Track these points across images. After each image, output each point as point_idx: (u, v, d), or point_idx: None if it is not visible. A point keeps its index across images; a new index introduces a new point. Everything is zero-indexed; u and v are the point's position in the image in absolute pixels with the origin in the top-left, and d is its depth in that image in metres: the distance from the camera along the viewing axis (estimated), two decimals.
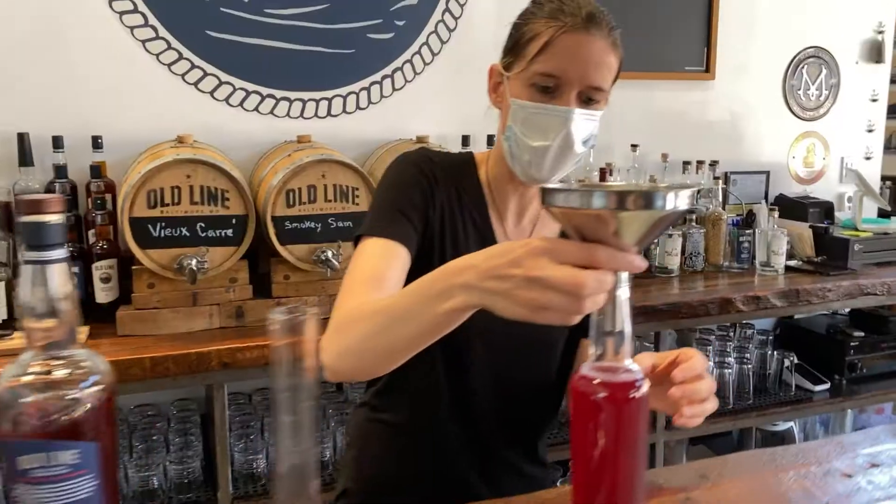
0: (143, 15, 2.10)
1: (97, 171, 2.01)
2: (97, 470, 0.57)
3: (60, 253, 0.56)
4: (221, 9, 2.17)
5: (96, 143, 2.04)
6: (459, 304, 0.74)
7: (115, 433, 0.59)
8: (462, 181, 1.20)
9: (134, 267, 1.86)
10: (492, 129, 2.48)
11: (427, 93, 2.45)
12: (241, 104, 2.23)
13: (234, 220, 1.89)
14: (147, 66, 2.12)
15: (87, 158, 2.04)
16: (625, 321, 0.64)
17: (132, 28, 2.10)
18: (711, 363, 2.47)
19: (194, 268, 1.82)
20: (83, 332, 1.84)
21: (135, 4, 2.09)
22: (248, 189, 1.91)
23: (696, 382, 0.85)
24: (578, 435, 0.63)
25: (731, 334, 2.63)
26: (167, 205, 1.83)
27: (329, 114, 2.34)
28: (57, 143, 2.00)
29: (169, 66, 2.14)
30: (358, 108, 2.36)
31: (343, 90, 2.34)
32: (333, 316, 0.96)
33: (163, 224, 1.83)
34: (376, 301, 0.93)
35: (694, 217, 2.63)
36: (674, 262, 2.54)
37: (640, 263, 0.62)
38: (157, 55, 2.13)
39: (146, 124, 2.11)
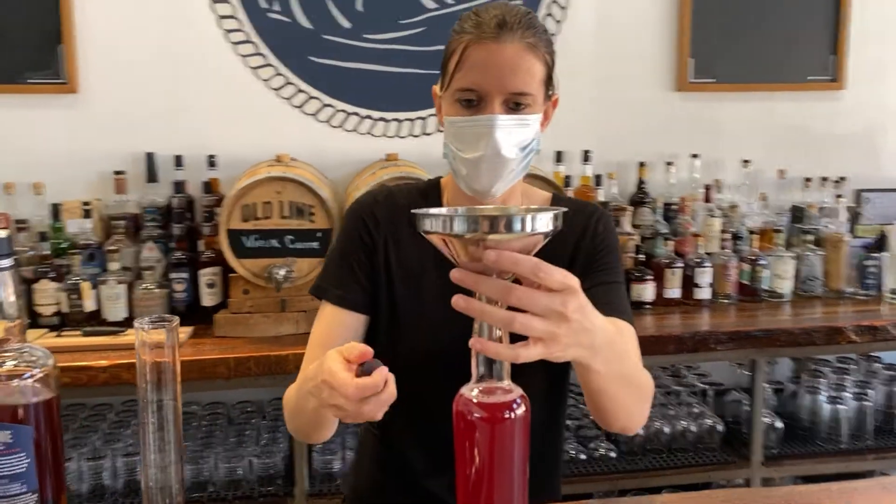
0: (255, 44, 2.31)
1: (208, 186, 2.23)
2: (30, 450, 0.68)
3: (8, 262, 0.67)
4: (323, 36, 2.33)
5: (211, 161, 2.27)
6: (315, 405, 0.87)
7: (53, 420, 0.69)
8: (416, 204, 1.16)
9: (231, 274, 2.05)
10: (588, 143, 2.48)
11: None
12: (341, 125, 2.38)
13: (318, 234, 2.02)
14: (257, 90, 2.32)
15: (204, 175, 2.26)
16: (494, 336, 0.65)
17: (245, 56, 2.31)
18: (823, 396, 2.28)
19: (280, 277, 1.97)
20: (186, 331, 2.04)
21: (247, 35, 2.30)
22: (332, 205, 2.03)
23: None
24: (458, 453, 0.65)
25: (852, 367, 2.40)
26: (259, 218, 2.00)
27: (423, 132, 2.43)
28: (178, 161, 2.24)
29: (277, 90, 2.34)
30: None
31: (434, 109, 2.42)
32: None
33: (255, 236, 2.00)
34: (291, 389, 1.09)
35: (812, 238, 2.44)
36: (784, 286, 2.37)
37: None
38: (266, 80, 2.33)
39: (255, 144, 2.30)
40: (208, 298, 2.14)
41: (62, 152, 2.26)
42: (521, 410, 0.64)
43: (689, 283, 2.32)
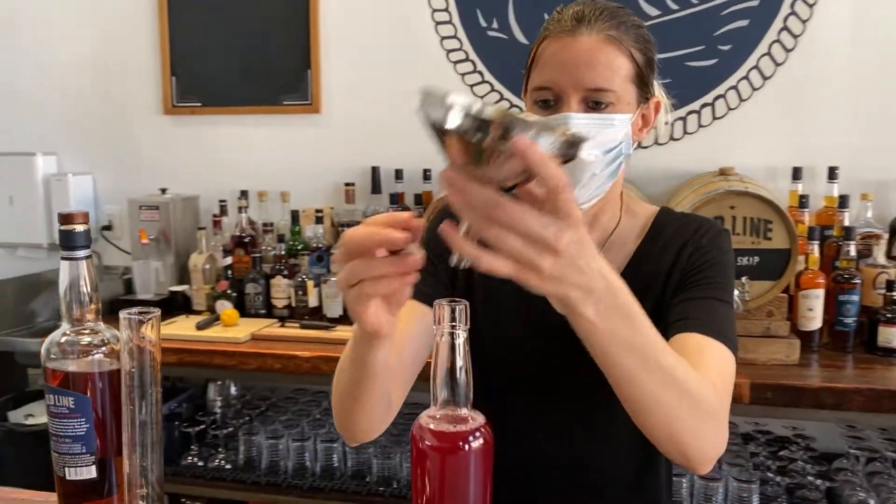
0: (472, 62, 2.38)
1: (419, 199, 2.35)
2: (89, 416, 0.78)
3: (83, 253, 0.79)
4: None
5: (426, 175, 2.39)
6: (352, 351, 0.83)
7: (114, 392, 0.79)
8: None
9: None
10: (837, 159, 2.14)
11: (754, 121, 2.22)
12: None
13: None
14: None
15: (418, 188, 2.39)
16: (459, 366, 0.60)
17: (463, 74, 2.40)
18: None
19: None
20: None
21: (466, 53, 2.38)
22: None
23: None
24: (413, 480, 0.61)
25: None
26: None
27: (639, 145, 2.30)
28: (398, 174, 2.40)
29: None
30: (672, 138, 2.27)
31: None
32: None
33: None
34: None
35: None
36: None
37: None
38: (482, 97, 2.39)
39: None
40: None
41: (305, 165, 2.55)
42: (477, 443, 0.58)
43: None
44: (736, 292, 1.80)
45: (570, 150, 0.61)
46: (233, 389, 2.47)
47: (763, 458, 1.95)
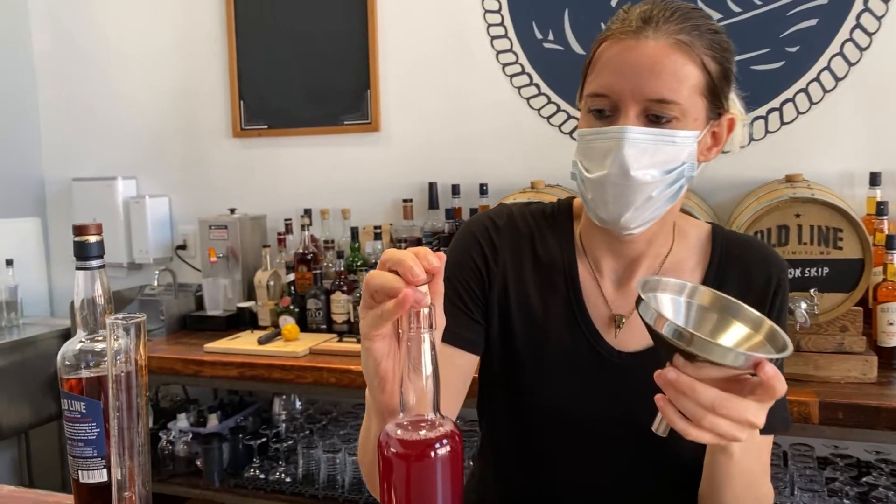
0: (529, 75, 2.36)
1: (475, 212, 2.33)
2: (100, 421, 0.80)
3: (97, 263, 0.82)
4: None
5: (482, 189, 2.38)
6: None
7: (128, 400, 0.81)
8: (547, 238, 1.03)
9: None
10: None
11: (826, 125, 2.09)
12: None
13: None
14: (529, 120, 2.37)
15: (475, 202, 2.38)
16: (427, 369, 0.58)
17: (519, 88, 2.38)
18: None
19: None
20: None
21: (522, 66, 2.37)
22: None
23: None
24: (381, 489, 0.59)
25: None
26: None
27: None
28: (455, 190, 2.40)
29: (548, 118, 2.36)
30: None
31: None
32: None
33: None
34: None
35: None
36: None
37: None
38: (538, 110, 2.36)
39: (525, 172, 2.34)
40: None
41: (365, 182, 2.58)
42: (444, 450, 0.56)
43: None
44: (804, 305, 1.70)
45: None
46: (297, 404, 2.52)
47: (840, 483, 1.82)
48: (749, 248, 1.02)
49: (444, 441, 0.57)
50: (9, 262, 2.75)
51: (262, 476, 2.24)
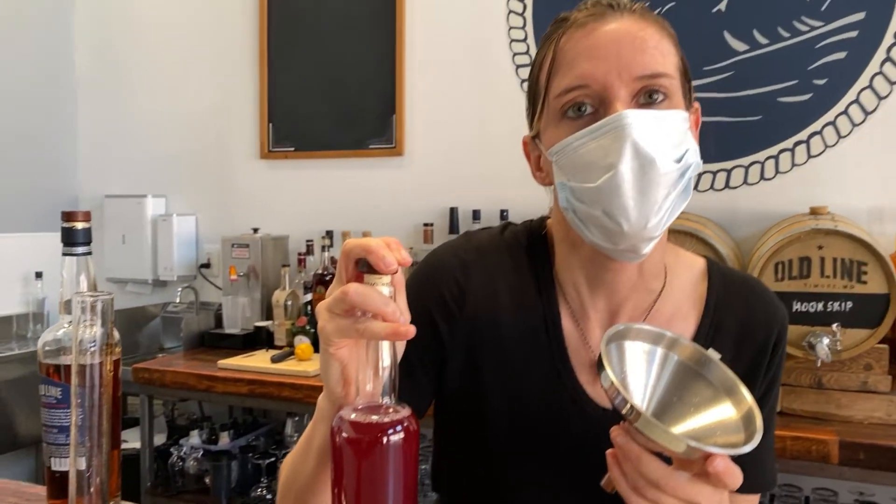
0: None
1: None
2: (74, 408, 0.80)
3: (83, 249, 0.82)
4: None
5: (503, 215, 2.37)
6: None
7: (101, 389, 0.80)
8: (524, 275, 0.89)
9: None
10: None
11: (854, 159, 2.04)
12: None
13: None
14: None
15: None
16: (385, 361, 0.56)
17: None
18: None
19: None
20: None
21: None
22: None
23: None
24: (333, 474, 0.57)
25: None
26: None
27: (727, 185, 2.17)
28: (475, 215, 2.40)
29: None
30: (762, 178, 2.13)
31: (745, 160, 2.15)
32: None
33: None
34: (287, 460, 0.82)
35: None
36: None
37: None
38: None
39: (545, 199, 2.32)
40: None
41: (388, 206, 2.59)
42: (397, 437, 0.54)
43: None
44: (826, 340, 1.64)
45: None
46: None
47: None
48: (749, 293, 0.91)
49: (399, 427, 0.55)
50: (38, 275, 2.82)
51: (268, 497, 2.21)
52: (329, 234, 2.58)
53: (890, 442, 1.54)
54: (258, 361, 2.23)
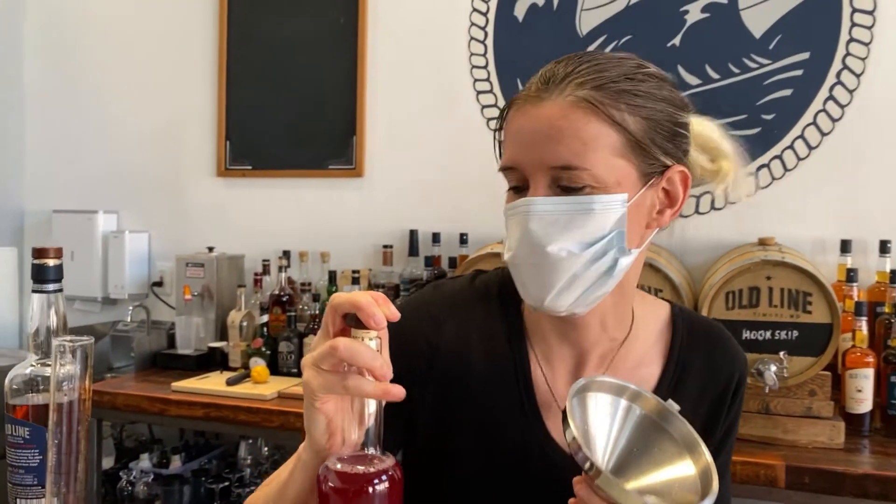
0: None
1: (455, 262, 2.34)
2: (42, 448, 0.79)
3: (53, 287, 0.81)
4: None
5: (462, 239, 2.39)
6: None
7: (68, 426, 0.79)
8: (495, 325, 0.92)
9: None
10: (888, 233, 2.03)
11: (800, 191, 2.14)
12: None
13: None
14: None
15: (454, 251, 2.39)
16: (371, 408, 0.57)
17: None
18: None
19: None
20: None
21: None
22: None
23: None
24: None
25: None
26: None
27: (679, 214, 2.24)
28: (435, 238, 2.42)
29: None
30: (713, 208, 2.21)
31: (696, 190, 2.22)
32: None
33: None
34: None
35: None
36: None
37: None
38: None
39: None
40: None
41: (347, 227, 2.60)
42: (382, 486, 0.56)
43: None
44: (773, 367, 1.70)
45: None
46: (264, 449, 2.47)
47: None
48: (712, 339, 0.96)
49: (385, 477, 0.56)
50: None
51: None
52: (286, 254, 2.57)
53: (832, 466, 1.60)
54: (213, 384, 2.20)
